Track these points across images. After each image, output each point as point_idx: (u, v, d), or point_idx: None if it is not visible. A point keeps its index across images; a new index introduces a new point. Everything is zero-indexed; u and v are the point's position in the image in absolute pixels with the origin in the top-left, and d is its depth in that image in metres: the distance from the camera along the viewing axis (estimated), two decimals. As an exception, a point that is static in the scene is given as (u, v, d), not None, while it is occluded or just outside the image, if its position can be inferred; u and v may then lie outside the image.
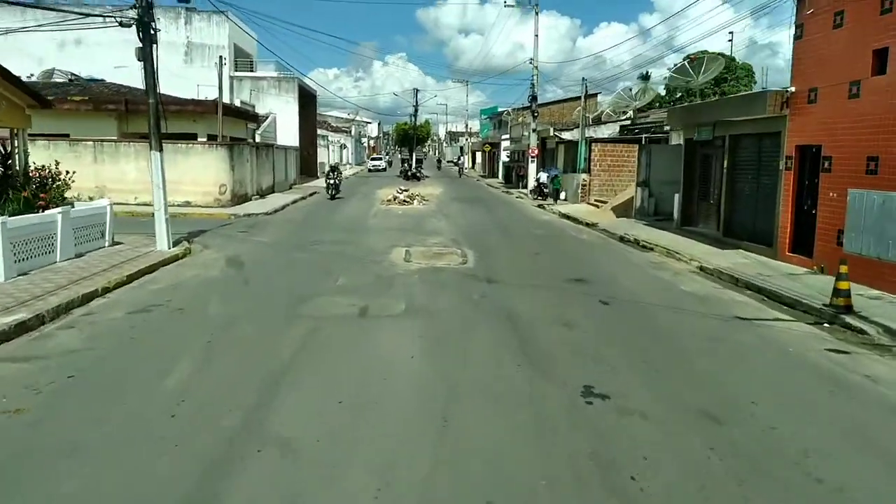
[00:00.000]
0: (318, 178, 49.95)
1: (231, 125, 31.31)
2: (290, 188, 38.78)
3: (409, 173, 51.42)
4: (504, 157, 53.05)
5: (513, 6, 37.83)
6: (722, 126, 17.13)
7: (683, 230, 19.36)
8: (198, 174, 25.68)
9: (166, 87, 19.86)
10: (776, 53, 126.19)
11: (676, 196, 20.01)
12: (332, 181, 31.20)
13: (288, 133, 42.19)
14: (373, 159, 64.00)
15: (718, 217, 18.45)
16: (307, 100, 49.99)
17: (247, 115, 32.14)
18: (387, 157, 67.07)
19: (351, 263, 13.87)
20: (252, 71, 45.27)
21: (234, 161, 26.34)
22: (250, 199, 29.17)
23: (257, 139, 36.90)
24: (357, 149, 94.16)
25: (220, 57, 26.68)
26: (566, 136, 36.34)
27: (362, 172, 62.37)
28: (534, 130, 35.61)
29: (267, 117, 40.48)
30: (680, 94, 46.53)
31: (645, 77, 78.15)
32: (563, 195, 33.42)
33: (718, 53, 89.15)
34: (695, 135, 18.69)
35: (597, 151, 30.76)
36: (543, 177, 36.75)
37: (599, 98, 63.99)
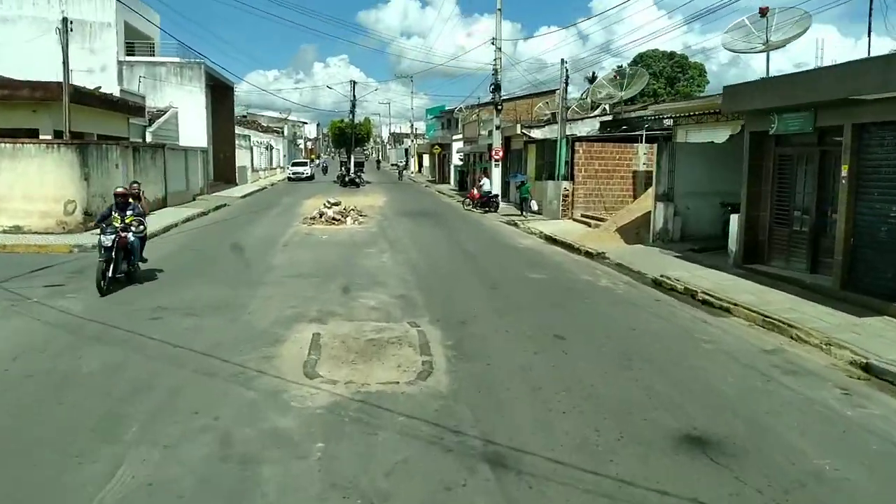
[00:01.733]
0: (236, 184, 42.06)
1: (102, 119, 23.45)
2: (194, 199, 30.95)
3: (347, 179, 44.04)
4: (456, 159, 46.24)
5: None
6: (830, 110, 10.60)
7: (750, 271, 12.79)
8: (31, 186, 17.85)
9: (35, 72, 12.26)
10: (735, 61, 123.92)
11: (734, 219, 13.44)
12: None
13: (194, 131, 34.30)
14: (295, 164, 52.40)
15: (811, 253, 11.92)
16: (222, 92, 42.10)
17: (126, 107, 24.31)
18: (321, 161, 58.23)
19: (188, 384, 6.62)
20: (153, 56, 37.13)
21: (88, 168, 18.56)
22: (123, 219, 21.38)
23: (149, 138, 28.98)
24: (291, 151, 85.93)
25: (65, 20, 18.83)
26: (536, 133, 29.67)
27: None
28: (497, 128, 28.87)
29: (164, 112, 32.51)
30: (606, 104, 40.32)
31: (591, 79, 72.55)
32: (534, 206, 26.75)
33: (669, 53, 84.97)
34: (772, 126, 12.12)
35: (581, 153, 24.17)
36: (487, 184, 29.90)
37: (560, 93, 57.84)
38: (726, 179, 16.80)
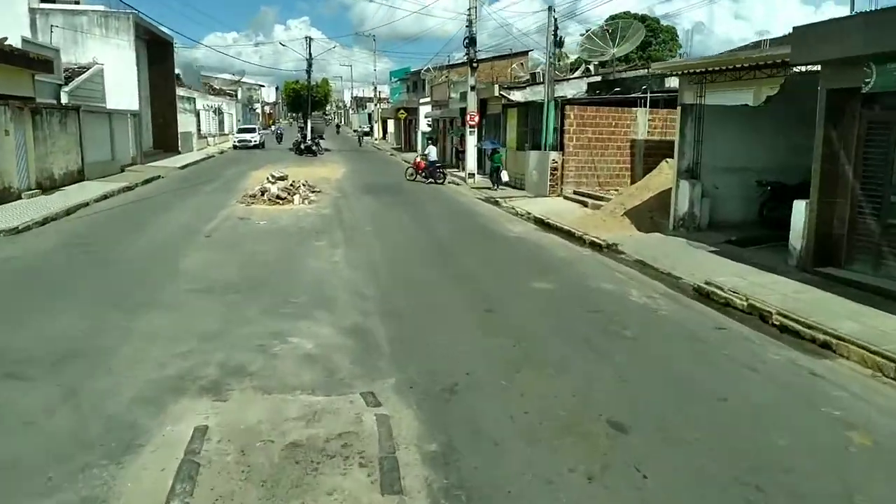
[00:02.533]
0: (178, 152, 37.65)
1: (1, 75, 19.05)
2: (122, 171, 26.74)
3: (303, 147, 39.86)
4: (424, 125, 42.33)
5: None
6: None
7: (825, 277, 9.55)
8: None
9: None
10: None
11: (799, 207, 10.12)
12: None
13: (123, 92, 29.77)
14: (242, 130, 45.60)
15: (919, 254, 8.69)
16: (160, 50, 37.34)
17: (25, 61, 19.90)
18: (276, 127, 53.15)
19: None
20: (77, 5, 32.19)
21: (-45, 133, 14.45)
22: (17, 197, 17.34)
23: (65, 100, 24.55)
24: (247, 116, 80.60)
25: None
26: (516, 96, 26.04)
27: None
28: (472, 89, 25.13)
29: (85, 69, 27.93)
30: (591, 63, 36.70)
31: (559, 43, 69.08)
32: (504, 176, 23.41)
33: (641, 16, 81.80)
34: (866, 80, 8.76)
35: (572, 118, 20.67)
36: (433, 153, 26.91)
37: (535, 55, 54.28)
38: (763, 151, 13.58)
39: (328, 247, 11.92)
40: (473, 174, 25.60)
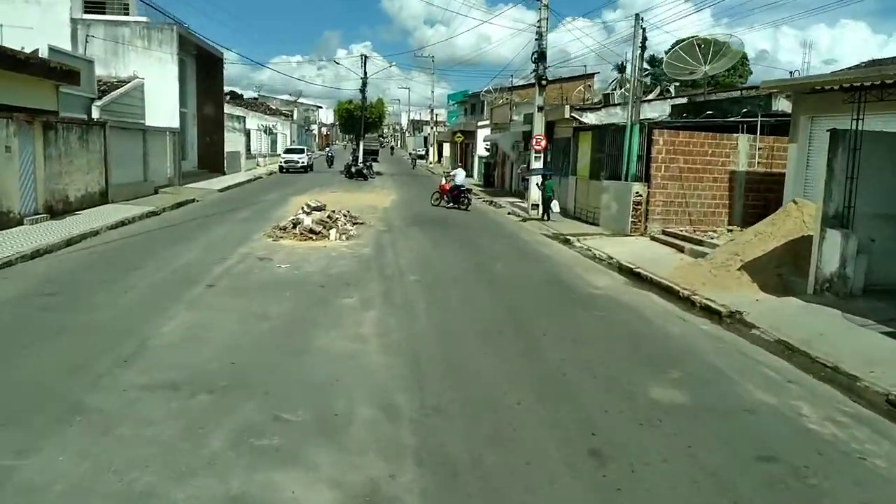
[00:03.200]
0: (224, 173, 35.80)
1: (21, 86, 17.06)
2: (156, 192, 24.72)
3: (354, 170, 37.53)
4: (482, 149, 39.57)
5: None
6: None
7: None
8: None
9: None
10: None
11: None
12: None
13: (163, 108, 27.95)
14: (288, 151, 42.32)
15: None
16: (209, 65, 35.76)
17: (45, 70, 17.92)
18: (328, 149, 50.86)
19: None
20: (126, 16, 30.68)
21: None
22: (17, 222, 15.15)
23: (96, 114, 22.66)
24: (302, 137, 79.66)
25: None
26: (589, 118, 22.97)
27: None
28: (539, 109, 22.14)
29: (124, 83, 26.17)
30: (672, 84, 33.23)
31: (620, 69, 65.54)
32: (555, 207, 20.49)
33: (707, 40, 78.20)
34: None
35: (661, 144, 17.44)
36: (460, 175, 24.91)
37: (598, 79, 51.21)
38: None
39: (358, 308, 9.02)
40: (538, 205, 22.51)
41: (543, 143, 22.37)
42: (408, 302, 9.46)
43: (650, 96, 30.99)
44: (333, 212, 17.27)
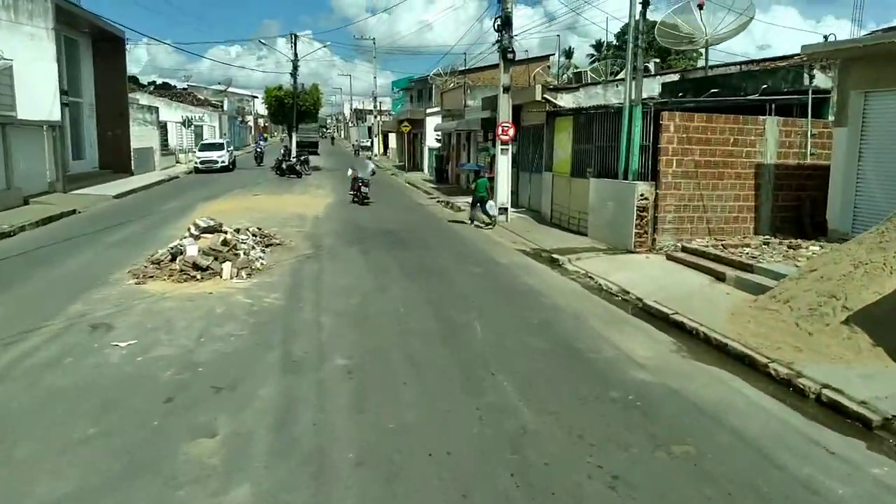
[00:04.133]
0: (132, 173, 30.41)
1: None
2: (26, 203, 19.49)
3: (286, 166, 32.56)
4: (432, 140, 35.13)
5: None
6: None
7: None
8: None
9: None
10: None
11: None
12: None
13: (39, 95, 22.55)
14: (204, 147, 35.78)
15: None
16: (108, 48, 30.20)
17: None
18: (257, 144, 44.56)
19: None
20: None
21: None
22: None
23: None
24: (236, 129, 73.58)
25: None
26: (565, 100, 18.79)
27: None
28: (506, 90, 17.79)
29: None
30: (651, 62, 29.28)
31: (567, 54, 61.86)
32: (491, 209, 16.66)
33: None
34: None
35: (671, 131, 13.31)
36: (368, 168, 22.88)
37: (554, 60, 47.45)
38: None
39: (215, 473, 4.49)
40: (506, 209, 18.24)
41: (512, 131, 18.07)
42: (326, 439, 4.99)
43: (614, 75, 27.19)
44: (237, 231, 12.56)
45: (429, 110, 37.75)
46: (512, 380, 6.25)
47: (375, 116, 62.73)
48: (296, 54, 34.96)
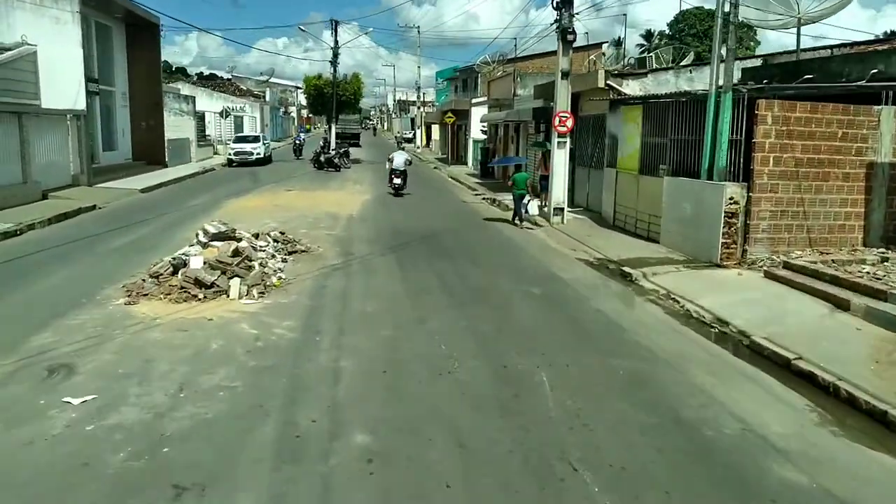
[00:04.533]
0: (165, 165, 29.24)
1: None
2: (45, 197, 18.25)
3: (324, 158, 31.00)
4: (477, 131, 33.15)
5: None
6: None
7: None
8: None
9: None
10: None
11: None
12: None
13: (64, 83, 21.33)
14: (239, 140, 33.63)
15: None
16: (141, 35, 29.02)
17: None
18: (297, 136, 42.45)
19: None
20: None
21: None
22: None
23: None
24: (278, 120, 72.72)
25: None
26: (631, 87, 16.63)
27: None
28: (565, 76, 15.73)
29: (5, 50, 19.56)
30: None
31: (617, 43, 58.93)
32: (532, 208, 14.82)
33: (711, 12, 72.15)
34: None
35: (769, 122, 11.09)
36: (399, 159, 22.01)
37: (609, 50, 45.00)
38: None
39: None
40: (562, 209, 16.21)
41: (570, 122, 15.99)
42: None
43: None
44: (256, 236, 10.86)
45: (474, 100, 35.73)
46: (604, 482, 4.31)
47: (419, 107, 60.92)
48: (336, 41, 33.30)
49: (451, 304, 8.55)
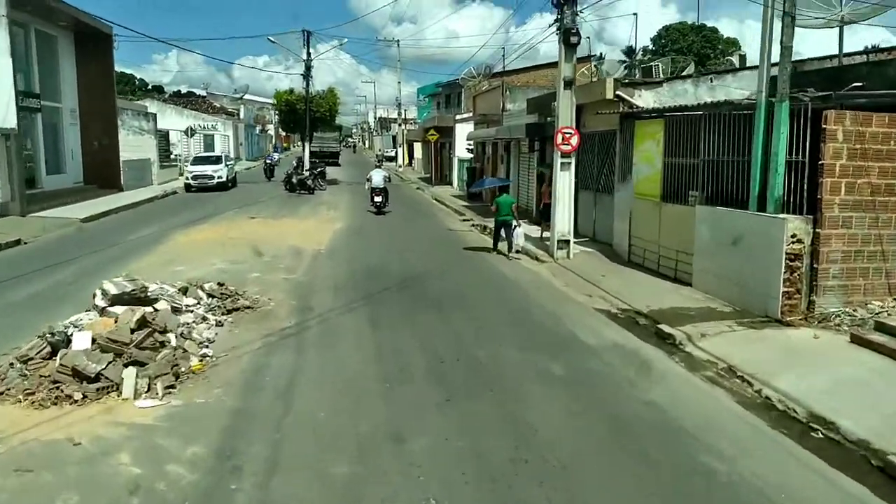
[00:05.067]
0: (119, 189, 26.54)
1: None
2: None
3: (296, 180, 28.42)
4: (463, 150, 30.79)
5: None
6: None
7: None
8: None
9: None
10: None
11: None
12: None
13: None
14: (198, 161, 29.97)
15: None
16: (93, 47, 26.37)
17: None
18: (269, 156, 38.37)
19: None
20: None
21: None
22: None
23: None
24: (254, 140, 70.07)
25: None
26: (645, 98, 14.31)
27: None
28: (568, 85, 13.36)
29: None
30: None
31: (629, 51, 57.04)
32: (519, 240, 13.71)
33: (699, 25, 71.29)
34: None
35: (840, 139, 8.72)
36: (377, 177, 21.76)
37: (604, 64, 42.91)
38: None
39: None
40: (568, 241, 13.79)
41: (576, 139, 13.60)
42: None
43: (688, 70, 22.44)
44: (184, 290, 8.27)
45: (458, 116, 33.40)
46: None
47: (400, 125, 58.59)
48: (309, 53, 30.79)
49: (440, 402, 6.00)
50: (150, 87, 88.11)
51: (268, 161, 33.99)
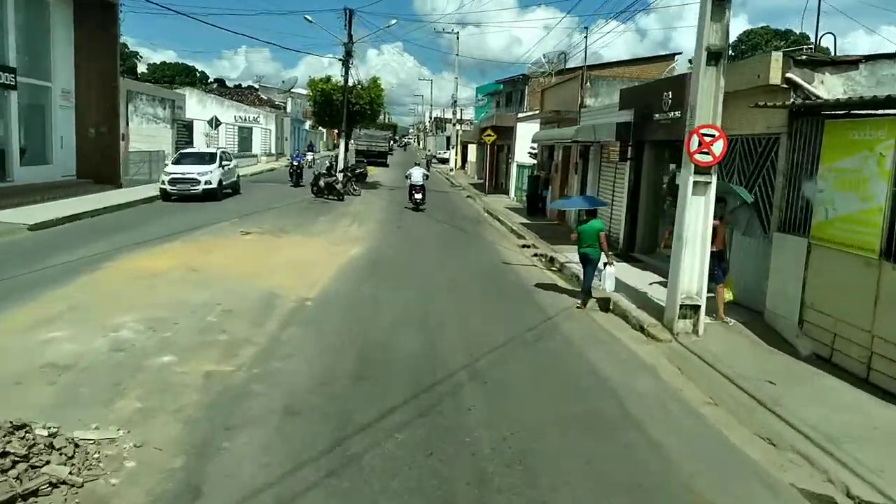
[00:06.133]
0: (117, 185, 22.43)
1: None
2: None
3: (323, 183, 23.77)
4: (524, 154, 25.68)
5: None
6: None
7: None
8: None
9: None
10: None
11: None
12: None
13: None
14: (183, 157, 22.77)
15: None
16: (91, 16, 22.27)
17: None
18: (298, 155, 31.18)
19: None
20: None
21: None
22: None
23: None
24: (302, 135, 66.27)
25: None
26: (829, 84, 8.90)
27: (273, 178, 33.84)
28: (714, 58, 8.21)
29: None
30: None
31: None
32: (608, 284, 7.11)
33: (784, 31, 65.44)
34: None
35: None
36: (417, 174, 21.24)
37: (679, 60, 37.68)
38: None
39: None
40: (698, 309, 8.57)
41: (721, 146, 8.36)
42: None
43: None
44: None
45: (521, 115, 28.27)
46: None
47: (454, 125, 53.76)
48: (350, 35, 26.11)
49: None
50: (211, 80, 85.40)
51: (294, 162, 28.32)
